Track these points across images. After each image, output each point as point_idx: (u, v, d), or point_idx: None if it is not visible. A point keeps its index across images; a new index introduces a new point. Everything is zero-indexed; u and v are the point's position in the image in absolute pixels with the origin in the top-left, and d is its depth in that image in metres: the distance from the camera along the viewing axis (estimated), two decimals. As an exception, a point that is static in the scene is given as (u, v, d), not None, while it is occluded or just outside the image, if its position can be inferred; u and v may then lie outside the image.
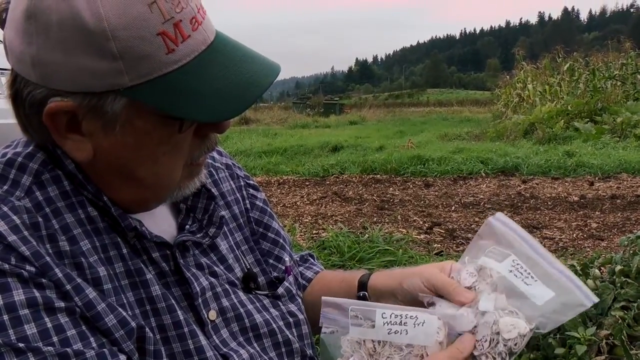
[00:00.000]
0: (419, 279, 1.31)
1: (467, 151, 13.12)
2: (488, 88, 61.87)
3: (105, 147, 1.07)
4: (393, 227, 7.33)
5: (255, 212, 1.50)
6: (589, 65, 23.29)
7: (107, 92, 1.00)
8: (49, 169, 1.12)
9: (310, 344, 1.41)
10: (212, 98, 1.03)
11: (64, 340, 0.99)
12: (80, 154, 1.07)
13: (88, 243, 1.10)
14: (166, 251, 1.21)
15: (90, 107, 1.02)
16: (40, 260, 1.01)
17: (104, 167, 1.11)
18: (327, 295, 1.47)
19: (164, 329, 1.14)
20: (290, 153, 15.42)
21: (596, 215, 7.79)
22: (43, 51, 0.99)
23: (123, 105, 1.01)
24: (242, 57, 1.10)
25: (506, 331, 1.14)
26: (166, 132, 1.06)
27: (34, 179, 1.10)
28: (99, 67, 0.97)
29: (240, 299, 1.30)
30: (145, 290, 1.14)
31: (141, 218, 1.19)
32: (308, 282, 1.63)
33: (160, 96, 1.00)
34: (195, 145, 1.15)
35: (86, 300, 1.03)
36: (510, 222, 1.30)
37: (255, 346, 1.27)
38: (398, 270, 1.45)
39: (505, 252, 1.26)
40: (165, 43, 0.99)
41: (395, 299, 1.36)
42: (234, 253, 1.37)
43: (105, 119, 1.03)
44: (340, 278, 1.59)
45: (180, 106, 1.01)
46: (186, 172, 1.17)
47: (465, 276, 1.25)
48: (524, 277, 1.21)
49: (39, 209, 1.07)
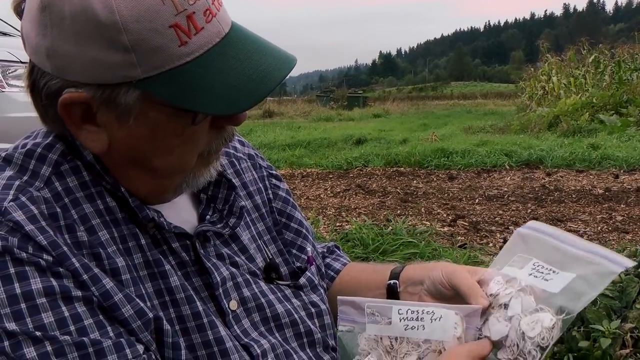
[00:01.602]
0: (441, 272, 1.32)
1: (491, 144, 12.99)
2: (512, 81, 61.19)
3: (120, 138, 1.08)
4: (416, 220, 7.30)
5: (278, 202, 1.50)
6: (615, 57, 22.97)
7: (121, 84, 1.01)
8: (68, 159, 1.14)
9: (332, 334, 1.41)
10: (224, 91, 1.03)
11: (81, 330, 1.00)
12: (95, 144, 1.09)
13: (107, 233, 1.11)
14: (186, 241, 1.21)
15: (103, 99, 1.03)
16: (58, 249, 1.02)
17: (119, 158, 1.12)
18: (357, 286, 1.51)
19: (183, 320, 1.15)
20: (313, 146, 15.35)
21: (621, 208, 7.71)
22: (57, 43, 1.00)
23: (136, 97, 1.02)
24: (257, 49, 1.09)
25: (530, 329, 1.13)
26: (180, 124, 1.07)
27: (53, 170, 1.11)
28: (111, 59, 0.98)
29: (262, 288, 1.30)
30: (164, 281, 1.15)
31: (161, 209, 1.20)
32: (336, 273, 1.63)
33: (173, 89, 1.01)
34: (212, 137, 1.16)
35: (103, 290, 1.04)
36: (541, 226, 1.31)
37: (276, 336, 1.27)
38: (431, 263, 1.46)
39: (527, 258, 1.26)
40: (178, 35, 0.99)
41: (421, 288, 1.37)
42: (255, 243, 1.37)
43: (119, 110, 1.04)
44: (372, 269, 1.59)
45: (192, 99, 1.02)
46: (201, 160, 1.18)
47: (492, 285, 1.24)
48: (545, 274, 1.21)
49: (58, 199, 1.09)
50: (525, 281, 1.20)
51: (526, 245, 1.29)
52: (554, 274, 1.20)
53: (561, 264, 1.21)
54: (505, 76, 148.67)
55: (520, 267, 1.25)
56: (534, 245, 1.28)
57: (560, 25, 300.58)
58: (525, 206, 8.09)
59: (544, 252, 1.25)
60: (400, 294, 1.43)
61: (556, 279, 1.19)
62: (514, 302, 1.18)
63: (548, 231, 1.29)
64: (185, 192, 1.28)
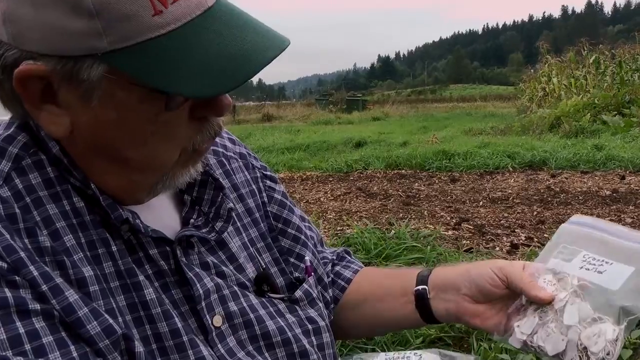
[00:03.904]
0: (489, 268, 1.24)
1: (493, 145, 12.96)
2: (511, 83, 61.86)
3: (84, 122, 0.94)
4: (420, 223, 7.18)
5: (274, 206, 1.36)
6: (615, 58, 23.04)
7: (84, 57, 0.87)
8: (31, 152, 1.00)
9: (332, 354, 1.27)
10: (202, 70, 0.88)
11: (38, 349, 0.86)
12: (56, 128, 0.94)
13: (72, 239, 0.97)
14: (165, 248, 1.07)
15: (65, 73, 0.89)
16: (14, 255, 0.88)
17: (84, 146, 0.98)
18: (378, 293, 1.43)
19: (160, 338, 1.01)
20: (313, 149, 15.37)
21: (630, 210, 7.58)
22: (13, 5, 0.87)
23: (102, 72, 0.88)
24: (243, 25, 0.95)
25: (592, 344, 1.02)
26: (152, 109, 0.93)
27: (13, 165, 0.98)
28: (73, 26, 0.85)
29: (251, 302, 1.16)
30: (138, 293, 1.01)
31: (138, 211, 1.06)
32: (347, 282, 1.48)
33: (143, 65, 0.87)
34: (193, 130, 1.01)
35: (66, 303, 0.90)
36: (588, 220, 1.22)
37: (266, 356, 1.13)
38: (465, 263, 1.36)
39: (575, 249, 1.15)
40: (152, 3, 0.86)
41: (457, 293, 1.27)
42: (247, 251, 1.24)
43: (83, 88, 0.90)
44: (392, 273, 1.51)
45: (164, 77, 0.87)
46: (185, 157, 1.03)
47: (541, 283, 1.13)
48: (597, 267, 1.11)
49: (19, 198, 0.95)
50: (578, 275, 1.11)
51: (572, 239, 1.20)
52: (608, 265, 1.10)
53: (615, 257, 1.12)
54: (504, 78, 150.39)
55: (568, 259, 1.15)
56: (581, 240, 1.18)
57: (558, 27, 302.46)
58: (531, 208, 7.95)
59: (594, 246, 1.16)
60: (431, 300, 1.33)
61: (611, 271, 1.09)
62: (570, 309, 1.08)
63: (598, 225, 1.20)
64: (163, 194, 1.12)
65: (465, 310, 1.27)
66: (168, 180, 1.05)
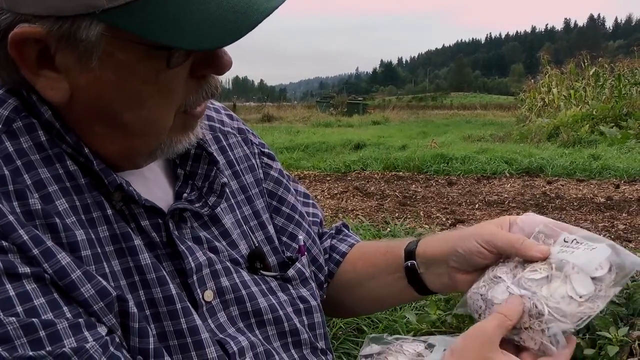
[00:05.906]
0: (474, 240, 1.21)
1: (491, 151, 12.94)
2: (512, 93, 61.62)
3: (83, 86, 0.92)
4: (415, 223, 7.23)
5: (269, 183, 1.35)
6: (614, 72, 23.08)
7: (81, 16, 0.85)
8: (22, 116, 0.97)
9: (322, 334, 1.27)
10: (203, 23, 0.86)
11: (30, 310, 0.85)
12: (54, 93, 0.93)
13: (65, 202, 0.95)
14: (158, 220, 1.06)
15: (62, 35, 0.87)
16: (2, 219, 0.87)
17: (83, 111, 0.96)
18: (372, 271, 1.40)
19: (154, 304, 1.00)
20: (312, 150, 15.34)
21: (623, 217, 7.64)
22: None
23: (100, 32, 0.86)
24: None
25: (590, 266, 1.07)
26: (153, 67, 0.91)
27: (3, 127, 0.95)
28: None
29: (243, 279, 1.15)
30: (134, 258, 1.00)
31: (132, 182, 1.04)
32: (342, 256, 1.48)
33: (143, 20, 0.84)
34: (191, 88, 0.99)
35: (58, 266, 0.89)
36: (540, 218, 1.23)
37: (257, 334, 1.13)
38: (451, 233, 1.32)
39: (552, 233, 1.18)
40: None
41: (447, 266, 1.26)
42: (240, 228, 1.22)
43: (81, 49, 0.88)
44: (384, 249, 1.43)
45: (164, 32, 0.85)
46: (179, 121, 1.02)
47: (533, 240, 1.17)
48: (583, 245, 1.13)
49: (8, 161, 0.92)
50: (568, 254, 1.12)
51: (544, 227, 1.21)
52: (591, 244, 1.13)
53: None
54: (504, 88, 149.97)
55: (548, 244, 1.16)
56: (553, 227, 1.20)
57: (560, 40, 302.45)
58: (526, 212, 7.92)
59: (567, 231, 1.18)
60: (423, 275, 1.33)
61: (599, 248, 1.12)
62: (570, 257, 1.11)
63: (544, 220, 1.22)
64: (157, 166, 1.14)
65: (457, 281, 1.26)
66: (166, 147, 1.03)
